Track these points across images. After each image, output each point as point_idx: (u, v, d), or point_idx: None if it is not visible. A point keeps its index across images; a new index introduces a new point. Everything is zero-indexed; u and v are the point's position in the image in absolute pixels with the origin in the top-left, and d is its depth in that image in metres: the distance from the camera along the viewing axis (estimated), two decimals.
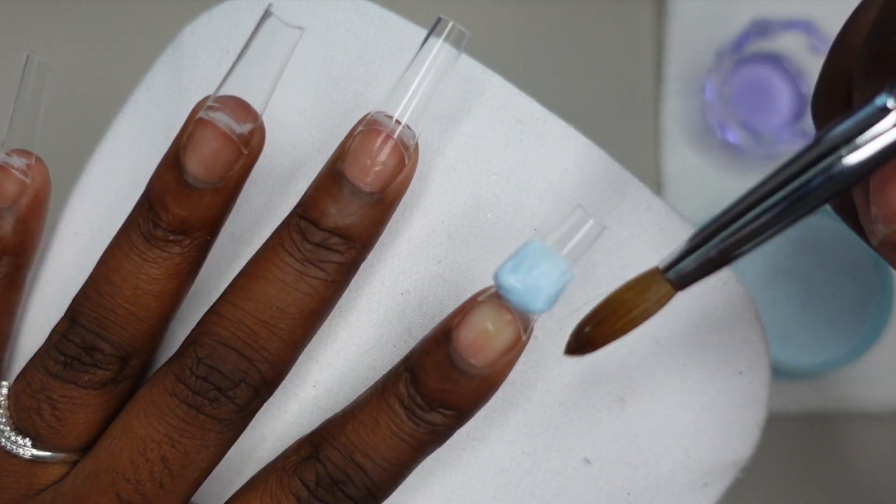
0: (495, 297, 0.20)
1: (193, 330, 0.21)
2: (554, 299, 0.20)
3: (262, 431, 0.24)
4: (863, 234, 0.21)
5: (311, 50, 0.25)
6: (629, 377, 0.24)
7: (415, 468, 0.21)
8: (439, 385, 0.20)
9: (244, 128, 0.20)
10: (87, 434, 0.22)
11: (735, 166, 0.47)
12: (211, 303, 0.22)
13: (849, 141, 0.16)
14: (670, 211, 0.24)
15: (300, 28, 0.20)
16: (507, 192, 0.24)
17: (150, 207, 0.21)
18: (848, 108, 0.20)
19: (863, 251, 0.44)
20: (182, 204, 0.20)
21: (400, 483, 0.21)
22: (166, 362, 0.21)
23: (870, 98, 0.17)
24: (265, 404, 0.24)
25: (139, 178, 0.26)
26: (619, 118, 0.48)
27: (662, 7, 0.48)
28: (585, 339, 0.20)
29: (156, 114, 0.26)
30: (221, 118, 0.20)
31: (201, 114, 0.20)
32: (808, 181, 0.17)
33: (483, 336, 0.20)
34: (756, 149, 0.45)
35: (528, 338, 0.20)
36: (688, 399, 0.24)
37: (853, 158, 0.16)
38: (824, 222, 0.44)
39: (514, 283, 0.19)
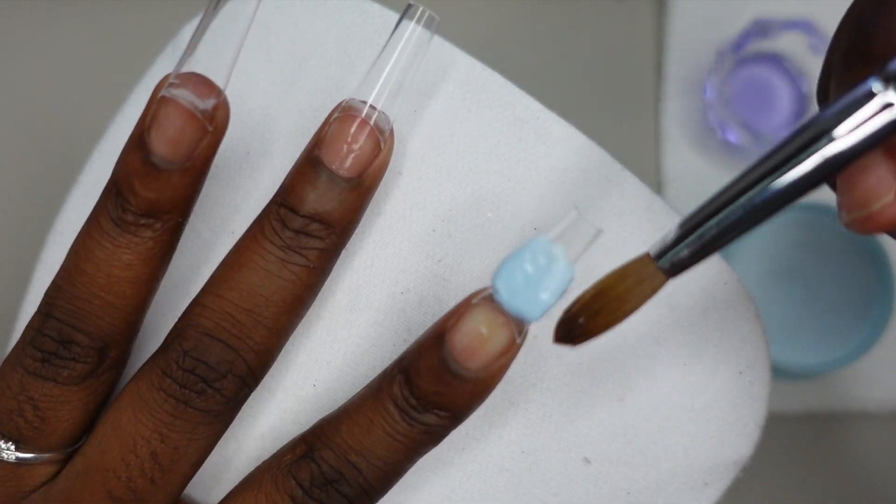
0: (489, 300, 0.20)
1: (178, 322, 0.21)
2: (549, 307, 0.19)
3: (262, 431, 0.24)
4: None
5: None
6: (629, 376, 0.24)
7: (410, 467, 0.21)
8: (433, 388, 0.20)
9: (207, 103, 0.20)
10: (73, 431, 0.21)
11: (735, 166, 0.47)
12: (195, 294, 0.21)
13: (836, 124, 0.17)
14: (670, 211, 0.24)
15: None
16: (507, 191, 0.24)
17: (118, 192, 0.20)
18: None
19: (863, 251, 0.44)
20: (150, 186, 0.20)
21: (395, 482, 0.21)
22: (152, 356, 0.21)
23: (847, 87, 0.17)
24: (266, 404, 0.24)
25: None
26: (619, 118, 0.48)
27: (662, 7, 0.48)
28: (580, 331, 0.20)
29: None
30: (184, 95, 0.19)
31: (163, 91, 0.19)
32: (799, 163, 0.17)
33: (477, 340, 0.19)
34: (756, 149, 0.45)
35: (523, 340, 0.20)
36: (688, 398, 0.24)
37: (839, 144, 0.17)
38: (824, 222, 0.44)
39: (511, 290, 0.19)
